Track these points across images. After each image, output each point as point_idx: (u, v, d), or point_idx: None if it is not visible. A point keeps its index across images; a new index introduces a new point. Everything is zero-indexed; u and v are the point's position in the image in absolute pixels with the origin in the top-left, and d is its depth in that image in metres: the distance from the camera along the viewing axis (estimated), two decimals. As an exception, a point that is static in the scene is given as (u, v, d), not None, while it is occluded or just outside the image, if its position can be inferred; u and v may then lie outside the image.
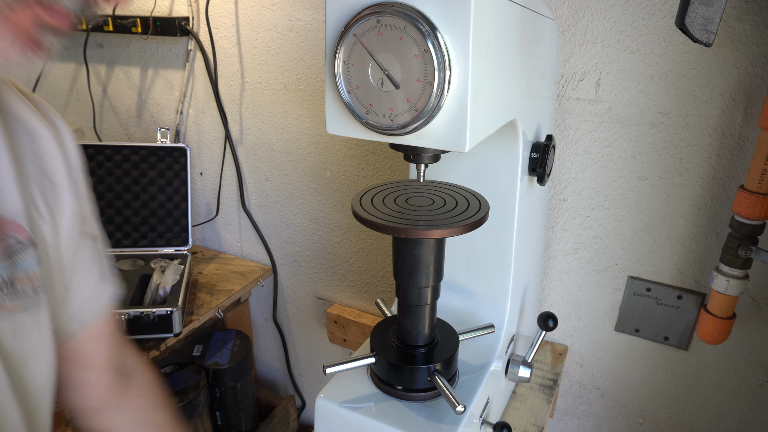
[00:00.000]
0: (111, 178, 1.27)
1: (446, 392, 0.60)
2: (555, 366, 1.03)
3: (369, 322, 1.28)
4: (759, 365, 0.93)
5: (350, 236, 1.27)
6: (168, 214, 1.29)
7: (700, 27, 0.65)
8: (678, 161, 0.89)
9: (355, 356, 0.66)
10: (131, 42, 1.38)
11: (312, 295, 1.40)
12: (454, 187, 0.67)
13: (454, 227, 0.55)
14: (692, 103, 0.85)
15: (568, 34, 0.91)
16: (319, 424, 0.66)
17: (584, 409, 1.13)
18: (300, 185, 1.29)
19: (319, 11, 1.11)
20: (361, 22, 0.45)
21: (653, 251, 0.96)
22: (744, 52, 0.80)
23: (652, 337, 1.00)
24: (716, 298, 0.86)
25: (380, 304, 0.79)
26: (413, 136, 0.48)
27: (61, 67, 1.53)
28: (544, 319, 0.70)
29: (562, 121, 0.95)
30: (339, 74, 0.48)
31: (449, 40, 0.43)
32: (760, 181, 0.77)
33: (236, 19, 1.21)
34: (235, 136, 1.33)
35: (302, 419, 1.61)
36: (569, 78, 0.93)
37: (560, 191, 1.00)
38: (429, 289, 0.63)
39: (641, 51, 0.86)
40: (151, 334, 1.05)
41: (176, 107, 1.38)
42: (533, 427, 0.88)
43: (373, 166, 1.18)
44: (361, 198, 0.62)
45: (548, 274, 1.07)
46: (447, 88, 0.44)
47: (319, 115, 1.20)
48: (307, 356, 1.51)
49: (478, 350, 0.74)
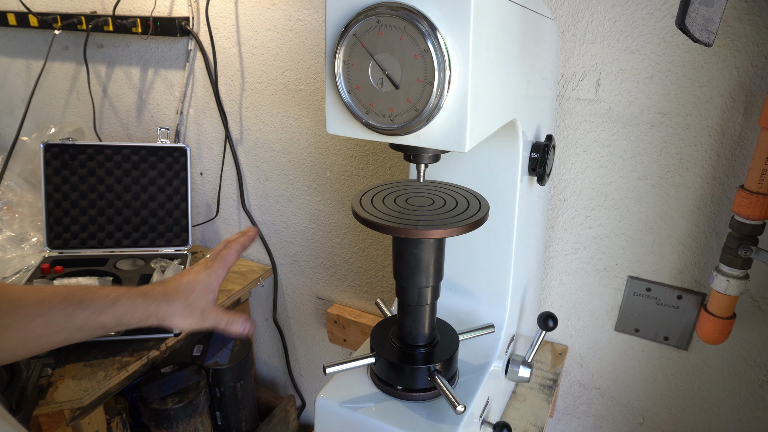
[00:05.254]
0: (111, 178, 1.27)
1: (446, 392, 0.60)
2: (555, 366, 1.03)
3: (369, 322, 1.28)
4: (759, 365, 0.93)
5: (350, 236, 1.27)
6: (168, 214, 1.29)
7: (700, 27, 0.64)
8: (678, 161, 0.89)
9: (355, 356, 0.66)
10: (131, 42, 1.38)
11: (312, 295, 1.40)
12: (454, 187, 0.67)
13: (454, 227, 0.55)
14: (692, 103, 0.85)
15: (568, 34, 0.91)
16: (319, 424, 0.66)
17: (584, 409, 1.13)
18: (300, 185, 1.29)
19: (319, 11, 1.11)
20: (361, 22, 0.45)
21: (653, 251, 0.96)
22: (744, 52, 0.80)
23: (652, 337, 1.00)
24: (716, 298, 0.86)
25: (380, 304, 0.79)
26: (413, 136, 0.48)
27: (61, 67, 1.53)
28: (544, 319, 0.70)
29: (562, 121, 0.95)
30: (339, 74, 0.48)
31: (449, 40, 0.43)
32: (760, 181, 0.77)
33: (236, 19, 1.21)
34: (235, 136, 1.33)
35: (302, 419, 1.61)
36: (569, 78, 0.93)
37: (560, 191, 1.00)
38: (429, 289, 0.63)
39: (641, 51, 0.86)
40: (151, 334, 1.05)
41: (176, 107, 1.38)
42: (533, 427, 0.88)
43: (373, 166, 1.18)
44: (361, 198, 0.62)
45: (548, 274, 1.07)
46: (447, 88, 0.44)
47: (319, 115, 1.20)
48: (307, 356, 1.51)
49: (478, 350, 0.74)
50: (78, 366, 0.99)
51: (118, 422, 1.09)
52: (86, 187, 1.26)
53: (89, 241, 1.27)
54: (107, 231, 1.28)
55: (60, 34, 1.45)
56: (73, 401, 0.91)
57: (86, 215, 1.26)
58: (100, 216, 1.27)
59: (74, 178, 1.25)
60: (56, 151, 1.24)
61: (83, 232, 1.27)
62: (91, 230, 1.27)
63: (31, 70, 1.61)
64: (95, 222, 1.27)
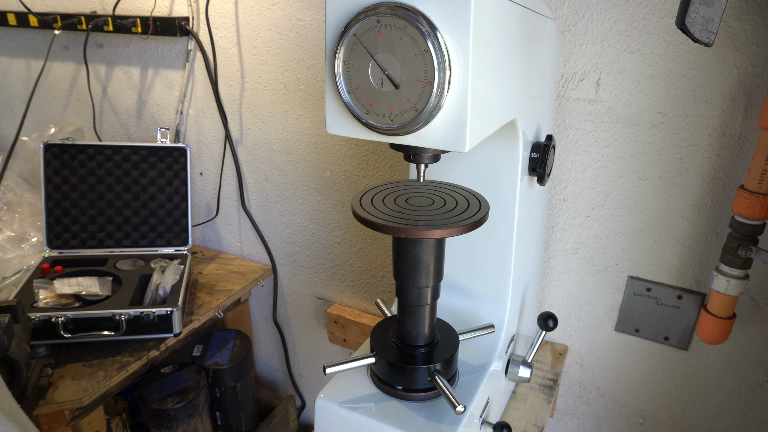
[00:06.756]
0: (111, 178, 1.27)
1: (446, 392, 0.60)
2: (555, 366, 1.03)
3: (369, 322, 1.28)
4: (759, 365, 0.93)
5: (350, 236, 1.27)
6: (168, 214, 1.29)
7: (700, 27, 0.64)
8: (678, 161, 0.89)
9: (355, 356, 0.66)
10: (131, 42, 1.38)
11: (312, 295, 1.40)
12: (454, 187, 0.67)
13: (454, 227, 0.55)
14: (692, 103, 0.85)
15: (568, 34, 0.91)
16: (319, 424, 0.66)
17: (584, 409, 1.13)
18: (300, 185, 1.29)
19: (319, 11, 1.11)
20: (361, 22, 0.45)
21: (653, 251, 0.96)
22: (744, 52, 0.80)
23: (652, 337, 1.00)
24: (716, 298, 0.86)
25: (380, 304, 0.79)
26: (413, 136, 0.48)
27: (61, 67, 1.53)
28: (544, 319, 0.70)
29: (562, 121, 0.95)
30: (339, 74, 0.48)
31: (449, 40, 0.43)
32: (760, 181, 0.77)
33: (236, 19, 1.21)
34: (235, 136, 1.33)
35: (302, 419, 1.61)
36: (569, 78, 0.93)
37: (560, 191, 1.00)
38: (429, 289, 0.63)
39: (641, 51, 0.86)
40: (151, 334, 1.05)
41: (176, 107, 1.38)
42: (533, 427, 0.88)
43: (373, 166, 1.18)
44: (361, 198, 0.62)
45: (548, 274, 1.07)
46: (447, 88, 0.44)
47: (319, 115, 1.20)
48: (307, 356, 1.51)
49: (478, 350, 0.74)
50: (78, 366, 0.99)
51: (118, 422, 1.09)
52: (86, 187, 1.26)
53: (89, 241, 1.27)
54: (107, 231, 1.28)
55: (60, 34, 1.45)
56: (73, 401, 0.91)
57: (86, 215, 1.26)
58: (99, 216, 1.27)
59: (74, 178, 1.25)
60: (56, 151, 1.24)
61: (83, 232, 1.27)
62: (90, 230, 1.27)
63: (31, 70, 1.61)
64: (95, 222, 1.27)
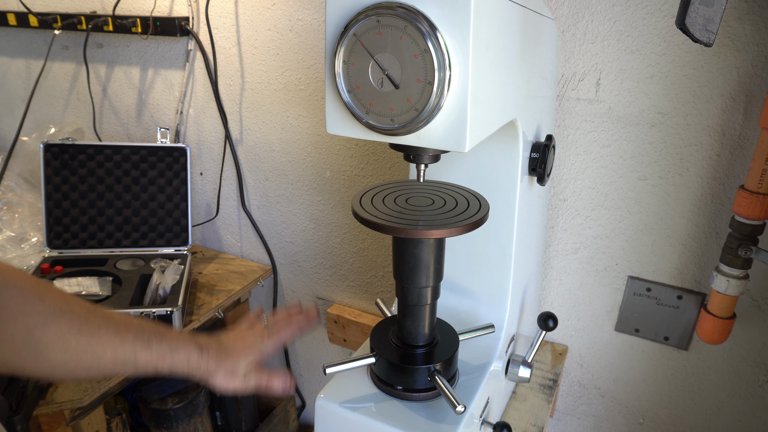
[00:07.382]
0: (111, 178, 1.27)
1: (446, 392, 0.60)
2: (555, 366, 1.03)
3: (369, 322, 1.28)
4: (759, 365, 0.93)
5: (350, 236, 1.27)
6: (168, 214, 1.29)
7: (700, 27, 0.64)
8: (678, 161, 0.89)
9: (355, 356, 0.66)
10: (131, 42, 1.38)
11: (312, 295, 1.40)
12: (454, 187, 0.67)
13: (454, 227, 0.55)
14: (692, 103, 0.85)
15: (568, 34, 0.91)
16: (319, 424, 0.66)
17: (584, 409, 1.13)
18: (300, 185, 1.29)
19: (319, 11, 1.11)
20: (361, 22, 0.45)
21: (653, 251, 0.96)
22: (744, 52, 0.80)
23: (652, 337, 1.00)
24: (716, 298, 0.86)
25: (380, 304, 0.79)
26: (413, 136, 0.48)
27: (61, 67, 1.53)
28: (544, 319, 0.70)
29: (562, 121, 0.95)
30: (339, 74, 0.48)
31: (449, 40, 0.43)
32: (760, 181, 0.77)
33: (236, 19, 1.21)
34: (235, 136, 1.33)
35: (302, 419, 1.61)
36: (569, 78, 0.93)
37: (560, 191, 1.00)
38: (429, 289, 0.63)
39: (641, 51, 0.86)
40: (151, 334, 1.05)
41: (176, 107, 1.38)
42: (533, 427, 0.88)
43: (373, 166, 1.18)
44: (361, 198, 0.62)
45: (548, 274, 1.06)
46: (447, 88, 0.44)
47: (319, 115, 1.20)
48: (307, 356, 1.51)
49: (478, 350, 0.74)
50: (78, 366, 0.98)
51: (118, 422, 1.09)
52: (86, 187, 1.26)
53: (89, 241, 1.27)
54: (107, 231, 1.27)
55: (60, 34, 1.45)
56: (73, 401, 0.91)
57: (86, 215, 1.26)
58: (99, 216, 1.27)
59: (74, 178, 1.25)
60: (56, 151, 1.24)
61: (83, 232, 1.27)
62: (90, 230, 1.27)
63: (31, 70, 1.61)
64: (95, 222, 1.27)
